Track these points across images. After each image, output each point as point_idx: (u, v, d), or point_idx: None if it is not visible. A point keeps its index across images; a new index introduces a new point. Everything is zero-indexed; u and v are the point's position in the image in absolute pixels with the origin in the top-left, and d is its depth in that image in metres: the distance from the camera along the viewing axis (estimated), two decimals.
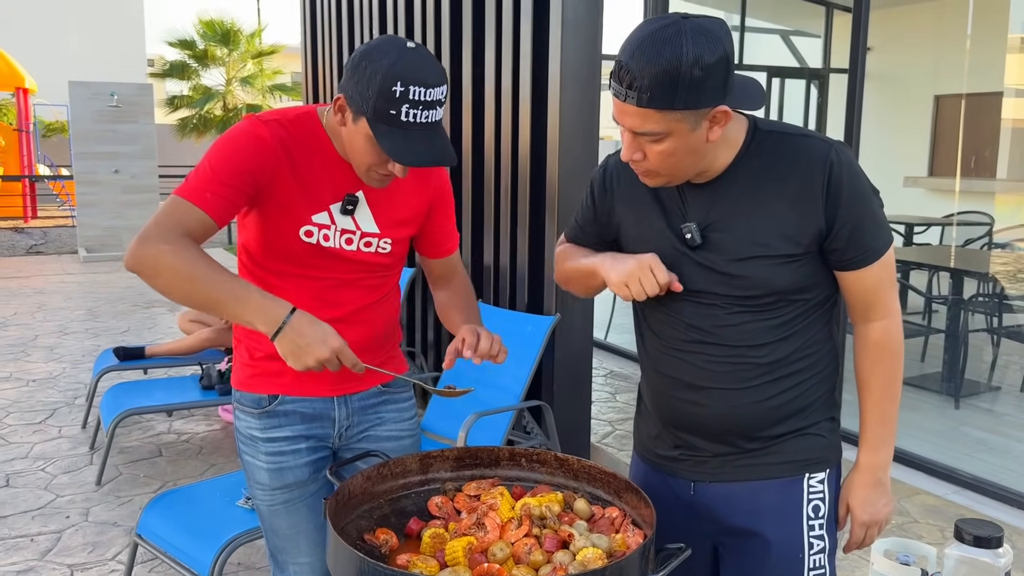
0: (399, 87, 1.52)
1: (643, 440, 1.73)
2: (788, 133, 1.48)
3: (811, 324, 1.53)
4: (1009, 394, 5.17)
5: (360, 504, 1.64)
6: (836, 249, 1.46)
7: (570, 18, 3.61)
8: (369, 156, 1.64)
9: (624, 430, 4.38)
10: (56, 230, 14.91)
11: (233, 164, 1.61)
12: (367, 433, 1.93)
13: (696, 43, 1.28)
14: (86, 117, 11.14)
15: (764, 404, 1.52)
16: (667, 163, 1.41)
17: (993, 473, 3.85)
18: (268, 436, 1.83)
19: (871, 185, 1.47)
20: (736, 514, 1.58)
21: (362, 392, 1.90)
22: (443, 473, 1.77)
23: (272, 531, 1.90)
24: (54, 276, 10.04)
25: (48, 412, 5.02)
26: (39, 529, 3.52)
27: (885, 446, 1.56)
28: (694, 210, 1.50)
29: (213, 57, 21.00)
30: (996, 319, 5.37)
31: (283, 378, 1.82)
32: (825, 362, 1.57)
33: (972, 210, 6.77)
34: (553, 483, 1.75)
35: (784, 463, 1.55)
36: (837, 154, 1.42)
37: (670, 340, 1.58)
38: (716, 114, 1.36)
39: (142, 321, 7.59)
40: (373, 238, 1.79)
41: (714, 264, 1.48)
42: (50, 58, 24.63)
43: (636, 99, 1.32)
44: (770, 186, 1.45)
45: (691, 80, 1.29)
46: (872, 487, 1.57)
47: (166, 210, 1.57)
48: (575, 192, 3.75)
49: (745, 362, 1.51)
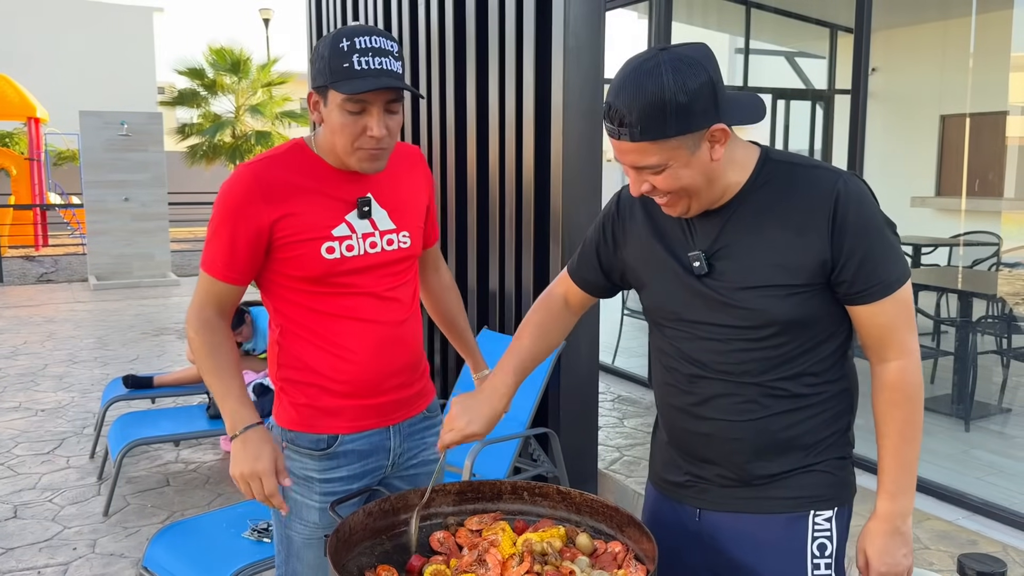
0: (345, 42, 1.63)
1: (656, 467, 1.73)
2: (798, 164, 1.47)
3: (819, 360, 1.50)
4: (1020, 416, 5.11)
5: (362, 540, 1.64)
6: (844, 282, 1.43)
7: (572, 44, 3.64)
8: (348, 128, 1.68)
9: (632, 456, 4.36)
10: (67, 258, 15.04)
11: (230, 225, 1.71)
12: (416, 459, 1.97)
13: (676, 71, 1.31)
14: (97, 146, 11.24)
15: (767, 437, 1.51)
16: (679, 189, 1.41)
17: (1004, 497, 3.81)
18: (326, 477, 1.84)
19: (884, 216, 1.44)
20: (738, 547, 1.57)
21: (410, 418, 1.94)
22: (445, 507, 1.77)
23: (297, 559, 1.90)
24: (64, 304, 10.09)
25: (56, 442, 5.03)
26: (46, 561, 3.52)
27: (904, 494, 1.49)
28: (701, 237, 1.51)
29: (222, 86, 21.20)
30: (1005, 340, 5.33)
31: (342, 416, 1.83)
32: (836, 400, 1.54)
33: (979, 230, 6.74)
34: (555, 517, 1.74)
35: (789, 498, 1.53)
36: (844, 184, 1.41)
37: (674, 370, 1.58)
38: (714, 132, 1.37)
39: (151, 349, 7.62)
40: (392, 234, 1.83)
41: (718, 293, 1.48)
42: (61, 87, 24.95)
43: (629, 135, 1.35)
44: (776, 215, 1.45)
45: (677, 106, 1.31)
46: (891, 536, 1.50)
47: (198, 287, 1.79)
48: (579, 217, 3.76)
49: (745, 394, 1.50)
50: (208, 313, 1.77)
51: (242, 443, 1.70)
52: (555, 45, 3.68)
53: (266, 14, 23.27)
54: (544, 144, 3.83)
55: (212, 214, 1.74)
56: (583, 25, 3.65)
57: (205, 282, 1.77)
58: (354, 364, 1.80)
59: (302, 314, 1.80)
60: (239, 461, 1.69)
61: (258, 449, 1.69)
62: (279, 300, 1.82)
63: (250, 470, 1.67)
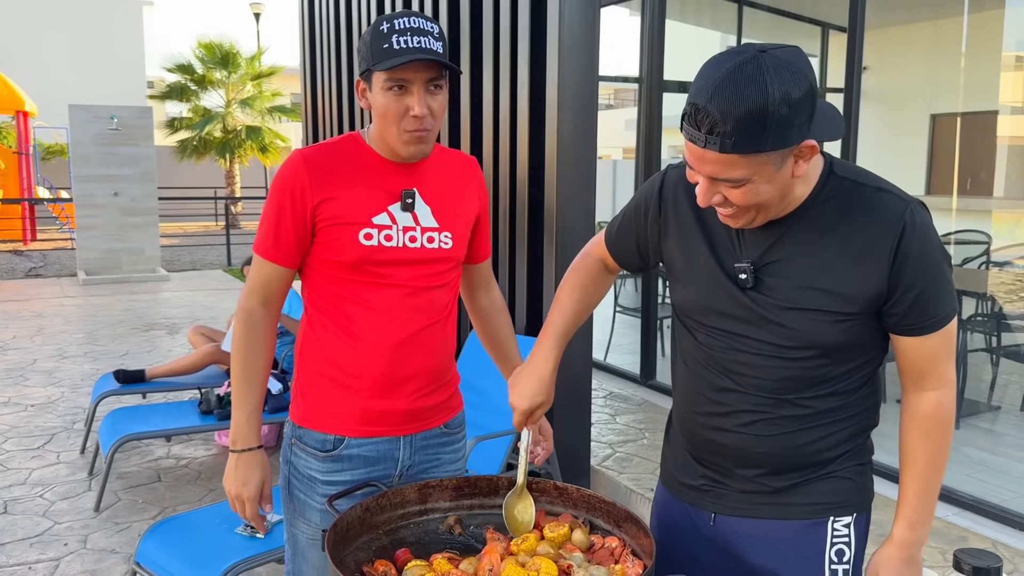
0: (385, 25, 1.68)
1: (669, 468, 1.70)
2: (864, 184, 1.39)
3: (852, 381, 1.46)
4: (1009, 414, 5.15)
5: (359, 535, 1.63)
6: (895, 314, 1.38)
7: (567, 42, 3.64)
8: (391, 108, 1.70)
9: (624, 453, 4.37)
10: (55, 253, 14.97)
11: (278, 206, 1.76)
12: (426, 474, 1.92)
13: (781, 79, 1.19)
14: (86, 140, 11.18)
15: (793, 449, 1.48)
16: (751, 204, 1.32)
17: (994, 494, 3.84)
18: (328, 479, 1.84)
19: (943, 250, 1.38)
20: (755, 553, 1.54)
21: (425, 432, 1.90)
22: (442, 503, 1.77)
23: (303, 558, 1.90)
24: (53, 299, 10.03)
25: (47, 437, 5.01)
26: (37, 557, 3.50)
27: (923, 524, 1.46)
28: (750, 248, 1.43)
29: (212, 80, 21.10)
30: (995, 338, 5.36)
31: (350, 418, 1.82)
32: (864, 415, 1.51)
33: (970, 228, 6.78)
34: (553, 512, 1.74)
35: (808, 504, 1.50)
36: (912, 215, 1.34)
37: (702, 378, 1.54)
38: (803, 149, 1.27)
39: (140, 344, 7.59)
40: (434, 232, 1.82)
41: (762, 308, 1.42)
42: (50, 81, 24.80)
43: (719, 145, 1.22)
44: (835, 237, 1.37)
45: (779, 119, 1.19)
46: (905, 564, 1.47)
47: (252, 270, 1.83)
48: (573, 215, 3.76)
49: (776, 408, 1.47)
50: (253, 302, 1.80)
51: (235, 463, 1.80)
52: (550, 41, 3.68)
53: (257, 8, 23.19)
54: (538, 140, 3.83)
55: (267, 198, 1.80)
56: (578, 21, 3.65)
57: (256, 265, 1.81)
58: (371, 359, 1.79)
59: (332, 302, 1.80)
60: (230, 479, 1.81)
61: (247, 475, 1.80)
62: (314, 286, 1.83)
63: (236, 493, 1.80)
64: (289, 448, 1.89)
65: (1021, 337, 5.37)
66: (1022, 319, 5.50)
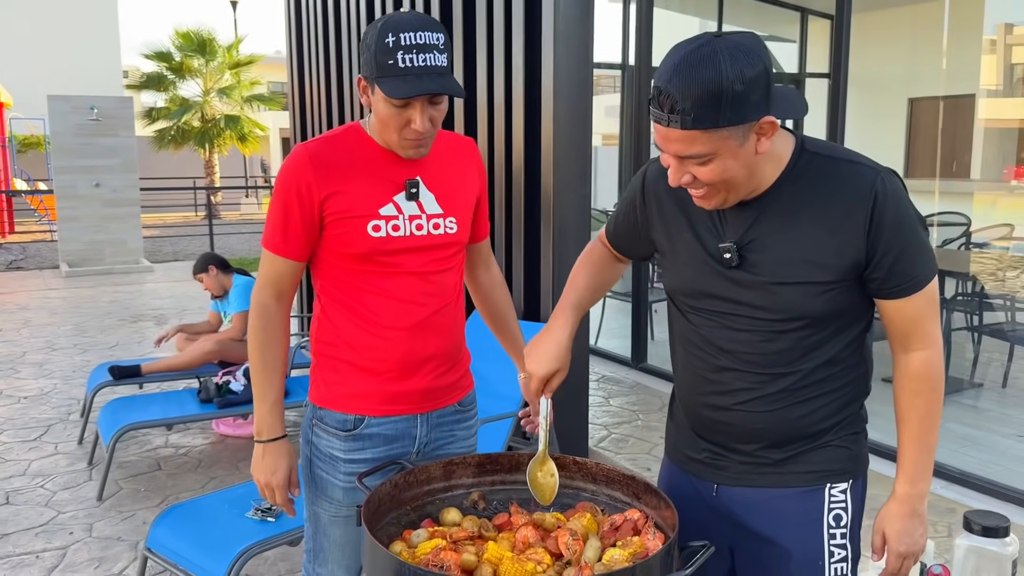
0: (391, 37, 1.66)
1: (673, 441, 1.77)
2: (835, 157, 1.46)
3: (842, 348, 1.53)
4: (991, 390, 5.29)
5: (389, 511, 1.69)
6: (876, 278, 1.45)
7: (562, 30, 3.68)
8: (392, 119, 1.73)
9: (619, 434, 4.45)
10: (35, 245, 14.84)
11: (285, 202, 1.79)
12: (442, 449, 1.99)
13: (734, 59, 1.28)
14: (66, 131, 11.09)
15: (790, 422, 1.55)
16: (720, 182, 1.40)
17: (979, 467, 3.96)
18: (350, 458, 1.89)
19: (917, 214, 1.45)
20: (756, 519, 1.61)
21: (440, 409, 1.96)
22: (465, 479, 1.82)
23: (324, 535, 1.96)
24: (37, 292, 9.96)
25: (43, 428, 5.01)
26: (43, 546, 3.53)
27: (923, 478, 1.54)
28: (732, 229, 1.50)
29: (190, 69, 20.91)
30: (976, 317, 5.49)
31: (370, 398, 1.88)
32: (856, 383, 1.58)
33: (949, 211, 6.91)
34: (572, 487, 1.81)
35: (806, 472, 1.57)
36: (883, 183, 1.41)
37: (699, 358, 1.61)
38: (763, 125, 1.35)
39: (130, 336, 7.57)
40: (439, 218, 1.87)
41: (748, 285, 1.49)
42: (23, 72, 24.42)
43: (680, 122, 1.31)
44: (812, 210, 1.44)
45: (733, 95, 1.28)
46: (909, 518, 1.55)
47: (260, 267, 1.88)
48: (569, 201, 3.82)
49: (770, 383, 1.53)
50: (266, 296, 1.85)
51: (262, 452, 1.87)
52: (545, 30, 3.73)
53: None
54: (535, 128, 3.88)
55: (272, 193, 1.83)
56: (573, 8, 3.70)
57: (266, 260, 1.85)
58: (389, 342, 1.84)
59: (346, 291, 1.85)
60: (258, 468, 1.88)
61: (275, 463, 1.87)
62: (326, 278, 1.87)
63: (265, 482, 1.88)
64: (310, 429, 1.94)
65: (1002, 316, 5.51)
66: (1003, 298, 5.63)
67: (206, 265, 5.11)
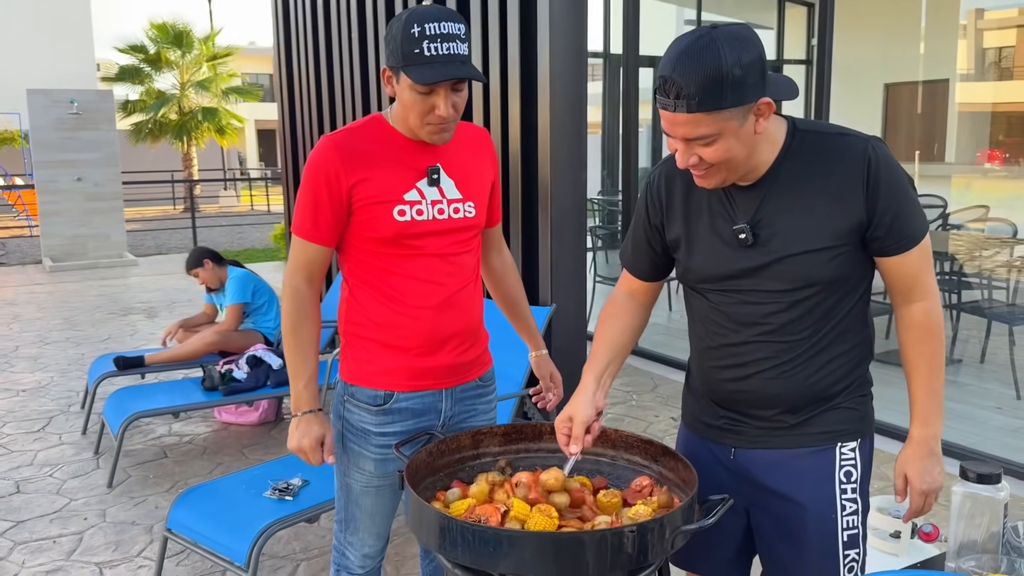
0: (416, 28, 1.76)
1: (690, 409, 1.89)
2: (826, 132, 1.61)
3: (849, 311, 1.66)
4: (970, 366, 5.48)
5: (425, 477, 1.81)
6: (878, 238, 1.59)
7: (557, 19, 3.79)
8: (417, 105, 1.83)
9: (615, 414, 4.58)
10: (15, 240, 14.74)
11: (314, 190, 1.90)
12: (465, 423, 2.11)
13: (732, 47, 1.42)
14: (46, 125, 11.04)
15: (804, 386, 1.67)
16: (723, 161, 1.52)
17: (960, 438, 4.14)
18: (381, 431, 2.01)
19: (907, 175, 1.58)
20: (773, 478, 1.74)
21: (463, 384, 2.08)
22: (492, 448, 1.95)
23: (356, 504, 2.08)
24: (22, 287, 9.94)
25: (45, 420, 5.07)
26: (59, 531, 3.61)
27: (936, 419, 1.66)
28: (742, 211, 1.63)
29: (166, 61, 20.77)
30: (955, 296, 5.67)
31: (399, 375, 1.99)
32: (862, 346, 1.70)
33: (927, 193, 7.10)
34: (592, 452, 1.93)
35: (819, 433, 1.70)
36: (874, 149, 1.56)
37: (715, 331, 1.72)
38: (760, 106, 1.48)
39: (122, 328, 7.61)
40: (459, 203, 1.98)
41: (763, 261, 1.61)
42: None
43: (686, 106, 1.44)
44: (812, 184, 1.58)
45: (733, 79, 1.41)
46: (927, 458, 1.67)
47: (291, 252, 1.98)
48: (566, 186, 3.93)
49: (786, 351, 1.65)
50: (298, 280, 1.95)
51: (296, 423, 1.97)
52: (540, 20, 3.83)
53: None
54: (530, 115, 3.99)
55: (300, 183, 1.93)
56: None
57: (296, 246, 1.95)
58: (416, 320, 1.96)
59: (373, 273, 1.96)
60: (292, 437, 1.98)
61: (307, 429, 1.97)
62: (353, 261, 1.98)
63: (297, 446, 1.97)
64: (342, 405, 2.05)
65: (979, 294, 5.69)
66: (979, 277, 5.82)
67: (201, 259, 5.17)
